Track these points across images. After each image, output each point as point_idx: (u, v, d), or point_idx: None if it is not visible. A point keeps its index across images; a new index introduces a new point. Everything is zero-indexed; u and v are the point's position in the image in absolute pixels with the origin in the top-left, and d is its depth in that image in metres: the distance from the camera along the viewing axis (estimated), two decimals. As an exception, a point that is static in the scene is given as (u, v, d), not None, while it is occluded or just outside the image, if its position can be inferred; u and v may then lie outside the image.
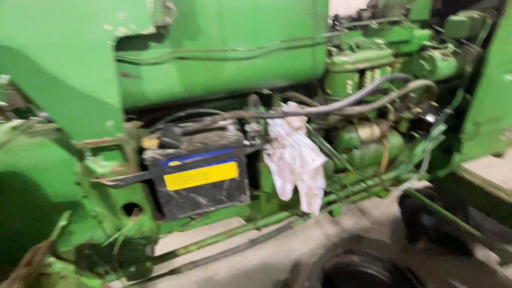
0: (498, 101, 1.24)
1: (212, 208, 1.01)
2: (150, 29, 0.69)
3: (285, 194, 1.04)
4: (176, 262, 1.27)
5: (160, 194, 0.92)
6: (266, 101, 1.17)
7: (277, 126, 1.13)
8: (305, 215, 1.25)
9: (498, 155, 1.77)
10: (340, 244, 2.37)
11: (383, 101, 1.02)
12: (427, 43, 1.22)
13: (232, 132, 0.94)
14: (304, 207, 1.07)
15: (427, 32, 1.25)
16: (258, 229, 1.21)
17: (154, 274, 1.26)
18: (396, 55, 1.25)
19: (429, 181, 1.87)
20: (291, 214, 1.22)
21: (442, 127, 1.29)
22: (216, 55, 0.84)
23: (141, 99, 0.83)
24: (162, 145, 0.88)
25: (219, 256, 1.22)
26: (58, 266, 0.79)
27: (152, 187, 0.93)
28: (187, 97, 0.89)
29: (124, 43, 0.73)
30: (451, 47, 1.15)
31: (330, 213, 1.34)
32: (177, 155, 0.87)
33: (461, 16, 1.14)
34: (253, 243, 1.22)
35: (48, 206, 0.91)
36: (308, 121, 1.24)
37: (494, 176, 2.12)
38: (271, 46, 0.86)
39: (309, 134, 1.18)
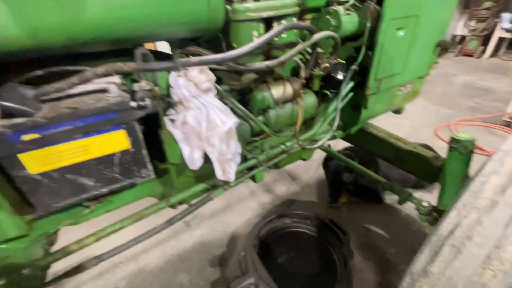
0: (393, 57, 1.33)
1: (104, 190, 0.84)
2: None
3: (194, 163, 0.92)
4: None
5: (18, 180, 0.69)
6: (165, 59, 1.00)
7: (181, 88, 0.98)
8: (225, 184, 1.17)
9: (397, 111, 2.00)
10: (274, 211, 2.45)
11: (290, 53, 0.97)
12: (333, -3, 1.21)
13: (115, 93, 0.75)
14: (218, 174, 0.98)
15: (332, -14, 1.24)
16: (173, 206, 1.08)
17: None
18: (304, 11, 1.22)
19: (346, 139, 2.02)
20: (209, 185, 1.13)
21: (350, 84, 1.35)
22: (70, -15, 0.62)
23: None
24: (7, 114, 0.64)
25: (130, 244, 1.05)
26: None
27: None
28: (36, 46, 0.65)
29: None
30: (352, 1, 1.16)
31: (253, 179, 1.30)
32: (32, 124, 0.65)
33: (360, -30, 1.15)
34: (169, 223, 1.09)
35: None
36: (220, 82, 1.12)
37: (397, 134, 2.46)
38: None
39: (220, 96, 1.08)
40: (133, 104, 0.74)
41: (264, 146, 1.27)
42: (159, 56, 1.05)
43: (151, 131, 0.93)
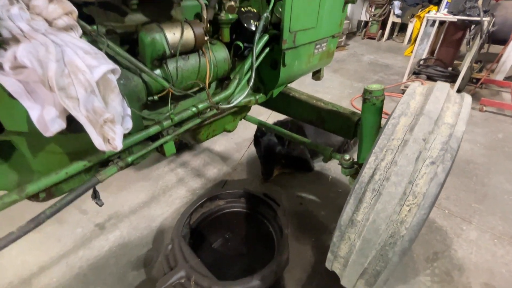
0: (305, 9, 1.25)
1: None
2: None
3: (48, 127, 0.63)
4: None
5: None
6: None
7: (16, 20, 0.66)
8: (118, 159, 0.90)
9: (317, 77, 2.01)
10: (205, 195, 2.26)
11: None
12: None
13: None
14: (97, 143, 0.70)
15: None
16: (36, 198, 0.76)
17: None
18: None
19: (271, 107, 1.94)
20: (93, 162, 0.83)
21: (264, 37, 1.22)
22: None
23: None
24: None
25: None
26: None
27: None
28: None
29: None
30: None
31: (162, 152, 1.06)
32: None
33: None
34: (34, 222, 0.76)
35: None
36: (90, 22, 0.82)
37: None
38: None
39: (90, 39, 0.79)
40: None
41: (171, 110, 1.03)
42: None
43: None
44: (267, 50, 1.27)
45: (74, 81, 0.63)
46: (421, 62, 4.25)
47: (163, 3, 0.90)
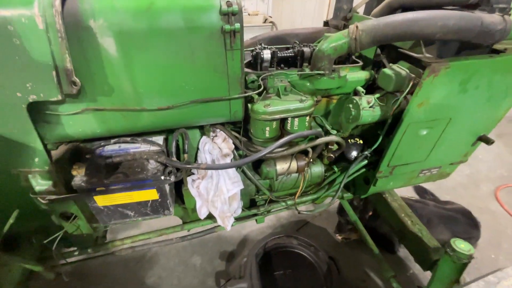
0: (413, 149, 1.34)
1: (139, 219, 1.23)
2: (58, 97, 0.79)
3: (201, 215, 1.24)
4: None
5: (91, 208, 1.12)
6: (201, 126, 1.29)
7: (206, 153, 1.27)
8: (228, 223, 1.49)
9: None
10: (287, 226, 2.71)
11: (296, 149, 1.16)
12: (360, 88, 1.27)
13: (153, 164, 1.09)
14: (219, 223, 1.28)
15: (363, 75, 1.29)
16: (188, 230, 1.46)
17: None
18: (330, 95, 1.33)
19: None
20: (214, 222, 1.46)
21: (362, 163, 1.43)
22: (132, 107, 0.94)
23: (66, 138, 0.96)
24: (92, 175, 1.04)
25: (154, 245, 1.49)
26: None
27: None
28: (110, 135, 1.02)
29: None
30: (374, 98, 1.21)
31: (256, 220, 1.58)
32: (101, 183, 1.04)
33: (391, 70, 1.17)
34: (182, 239, 1.48)
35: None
36: (237, 148, 1.37)
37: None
38: (182, 104, 0.95)
39: (235, 159, 1.33)
40: (162, 177, 1.07)
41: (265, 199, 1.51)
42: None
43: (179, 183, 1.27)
44: (362, 170, 1.48)
45: (218, 199, 1.20)
46: None
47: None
